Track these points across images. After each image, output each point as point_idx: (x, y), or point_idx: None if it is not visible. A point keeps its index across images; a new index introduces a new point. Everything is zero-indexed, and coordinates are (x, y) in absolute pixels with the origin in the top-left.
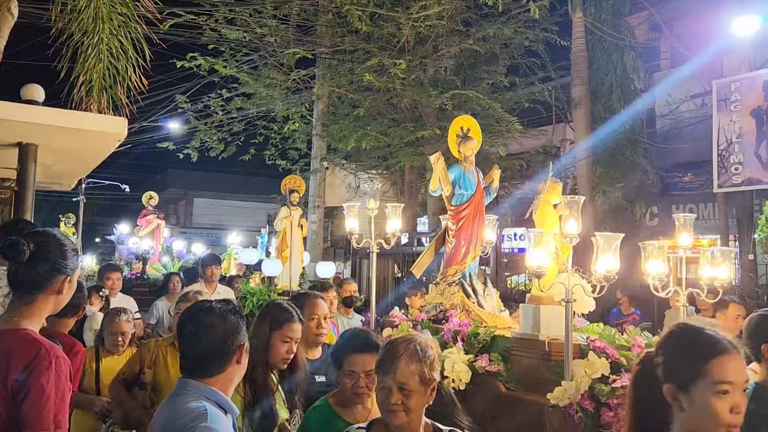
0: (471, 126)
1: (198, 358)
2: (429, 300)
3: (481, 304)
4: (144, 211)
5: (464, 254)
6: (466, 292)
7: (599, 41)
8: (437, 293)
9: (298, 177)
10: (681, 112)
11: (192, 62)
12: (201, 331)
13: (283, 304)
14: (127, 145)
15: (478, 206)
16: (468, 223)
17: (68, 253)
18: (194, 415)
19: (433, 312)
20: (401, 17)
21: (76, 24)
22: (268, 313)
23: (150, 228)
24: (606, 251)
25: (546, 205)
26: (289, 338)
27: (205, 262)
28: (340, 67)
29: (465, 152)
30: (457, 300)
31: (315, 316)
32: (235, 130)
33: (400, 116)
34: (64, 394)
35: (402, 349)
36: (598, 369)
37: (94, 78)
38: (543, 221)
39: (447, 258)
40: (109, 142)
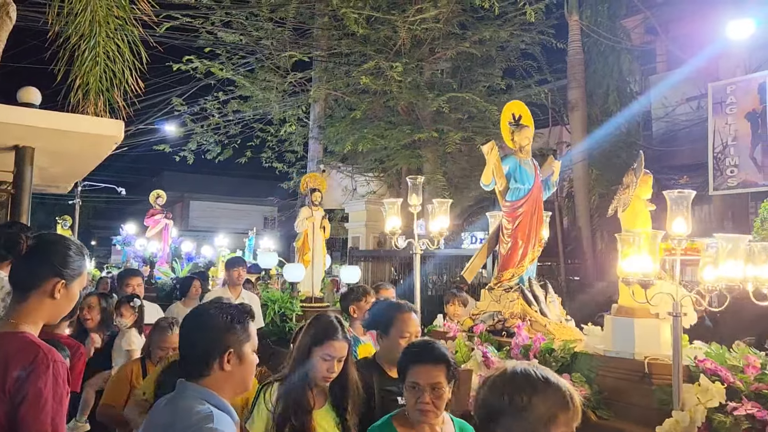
0: (522, 112)
1: (186, 360)
2: (482, 307)
3: (544, 313)
4: (151, 211)
5: (522, 256)
6: (526, 299)
7: (595, 44)
8: (492, 300)
9: (318, 175)
10: (677, 115)
11: (188, 65)
12: (188, 332)
13: (330, 318)
14: (124, 148)
15: (536, 202)
16: (525, 220)
17: (69, 259)
18: (199, 416)
19: (489, 321)
20: (397, 20)
21: (73, 27)
22: (311, 326)
23: (158, 228)
24: (730, 256)
25: (637, 201)
26: (329, 356)
27: (231, 264)
28: (337, 70)
29: (520, 141)
30: (516, 308)
31: (407, 334)
32: (232, 132)
33: (396, 119)
34: (61, 397)
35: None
36: (713, 396)
37: (90, 81)
38: (634, 220)
39: (502, 260)
40: (105, 144)
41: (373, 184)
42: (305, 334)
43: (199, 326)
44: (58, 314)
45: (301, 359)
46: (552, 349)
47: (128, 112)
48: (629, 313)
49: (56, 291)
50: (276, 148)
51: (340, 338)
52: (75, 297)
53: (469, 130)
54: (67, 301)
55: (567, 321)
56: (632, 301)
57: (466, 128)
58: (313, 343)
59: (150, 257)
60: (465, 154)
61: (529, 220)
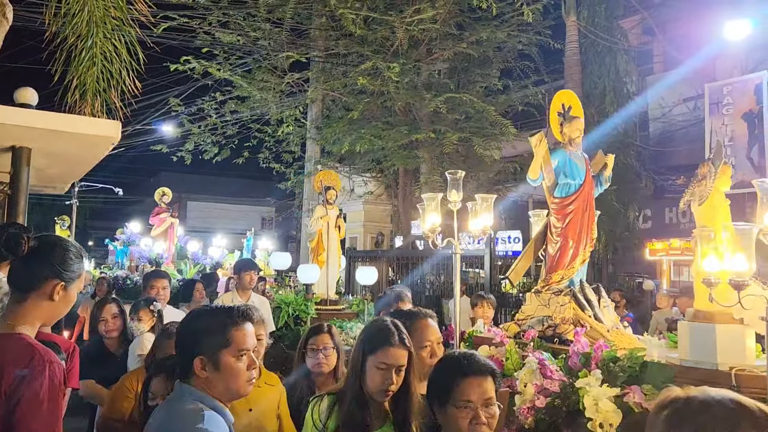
0: (572, 103)
1: (176, 363)
2: (528, 312)
3: (598, 318)
4: (157, 209)
5: (572, 257)
6: (579, 303)
7: (592, 44)
8: (540, 304)
9: (333, 172)
10: (674, 116)
11: (186, 65)
12: (176, 332)
13: (384, 322)
14: (121, 148)
15: (588, 198)
16: (576, 218)
17: (69, 261)
18: (190, 416)
19: (538, 327)
20: (395, 21)
21: (70, 27)
22: (363, 332)
23: (163, 227)
24: None
25: (717, 194)
26: (385, 365)
27: (242, 267)
28: (334, 71)
29: (570, 134)
30: (568, 313)
31: (427, 342)
32: (229, 133)
33: (394, 119)
34: (58, 398)
35: None
36: None
37: (87, 81)
38: (713, 214)
39: (550, 261)
40: (102, 145)
41: (370, 184)
42: (357, 343)
43: (181, 329)
44: (55, 316)
45: (354, 371)
46: (616, 357)
47: (125, 113)
48: (708, 318)
49: (55, 293)
50: (273, 148)
51: (396, 344)
52: (73, 299)
53: (466, 130)
54: (65, 303)
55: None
56: (711, 304)
57: (464, 129)
58: (367, 352)
59: (156, 258)
60: (462, 154)
61: (581, 218)
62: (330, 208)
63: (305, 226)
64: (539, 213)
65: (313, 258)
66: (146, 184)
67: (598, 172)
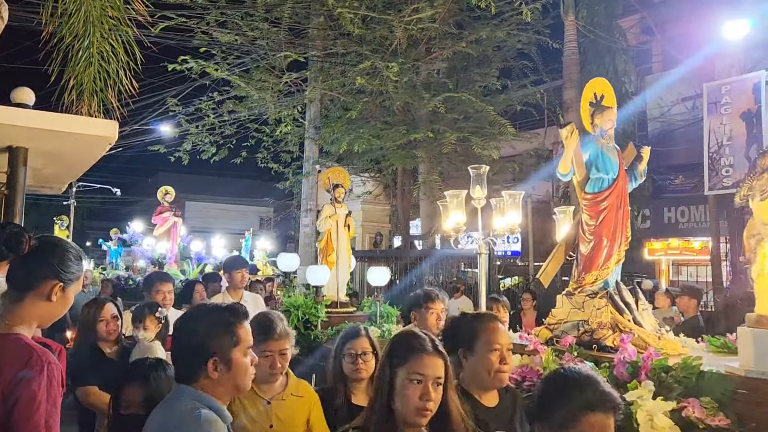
0: (606, 92)
1: (176, 366)
2: (559, 316)
3: (638, 322)
4: (159, 208)
5: (606, 256)
6: (617, 306)
7: (591, 44)
8: (572, 308)
9: (342, 169)
10: (672, 115)
11: (183, 65)
12: (177, 337)
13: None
14: (118, 149)
15: (622, 194)
16: (610, 215)
17: (69, 262)
18: (190, 417)
19: (572, 333)
20: (393, 20)
21: (67, 27)
22: (390, 343)
23: (166, 227)
24: None
25: None
26: (420, 375)
27: (232, 266)
28: (333, 70)
29: (602, 124)
30: (605, 317)
31: (497, 346)
32: (227, 133)
33: (392, 119)
34: (55, 399)
35: None
36: None
37: (84, 81)
38: None
39: (583, 261)
40: (99, 145)
41: (369, 184)
42: (383, 357)
43: (185, 332)
44: (52, 317)
45: (381, 391)
46: (668, 366)
47: (122, 113)
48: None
49: (53, 293)
50: (271, 148)
51: (430, 351)
52: (71, 301)
53: (465, 130)
54: (62, 304)
55: (666, 332)
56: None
57: (462, 128)
58: (396, 364)
59: (159, 258)
60: (461, 154)
61: (615, 215)
62: (339, 207)
63: (304, 226)
64: (565, 210)
65: (322, 259)
66: (144, 184)
67: (629, 166)
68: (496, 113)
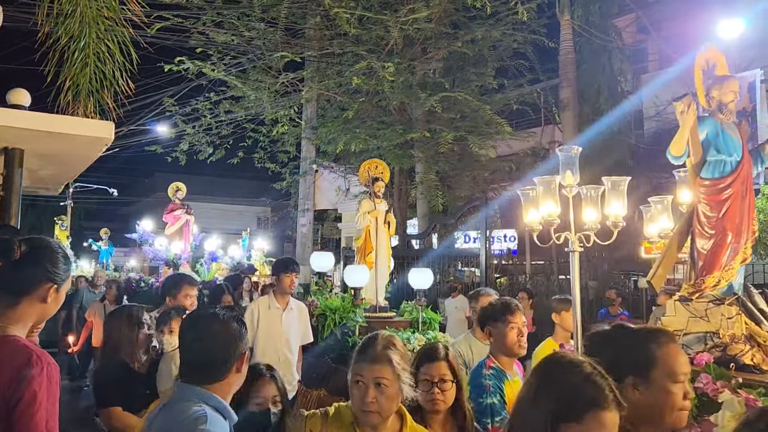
0: (718, 60)
1: (200, 366)
2: (675, 326)
3: None
4: (171, 205)
5: (731, 255)
6: (752, 315)
7: (587, 43)
8: (692, 316)
9: (380, 161)
10: (668, 114)
11: (180, 66)
12: (204, 338)
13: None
14: (115, 149)
15: (747, 180)
16: (735, 205)
17: (60, 263)
18: (193, 418)
19: (697, 347)
20: (389, 20)
21: (63, 28)
22: None
23: (178, 225)
24: None
25: None
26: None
27: (283, 268)
28: (329, 70)
29: (722, 97)
30: (738, 329)
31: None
32: (224, 133)
33: (389, 118)
34: (55, 399)
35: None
36: None
37: (80, 82)
38: None
39: (703, 261)
40: (95, 146)
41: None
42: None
43: (217, 333)
44: (45, 317)
45: None
46: None
47: (119, 114)
48: None
49: (49, 296)
50: (268, 148)
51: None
52: (62, 300)
53: (461, 129)
54: (55, 304)
55: None
56: None
57: (459, 128)
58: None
59: (173, 259)
60: (457, 153)
61: (740, 204)
62: (379, 202)
63: (301, 225)
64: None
65: (359, 259)
66: (141, 184)
67: (756, 148)
68: (492, 112)
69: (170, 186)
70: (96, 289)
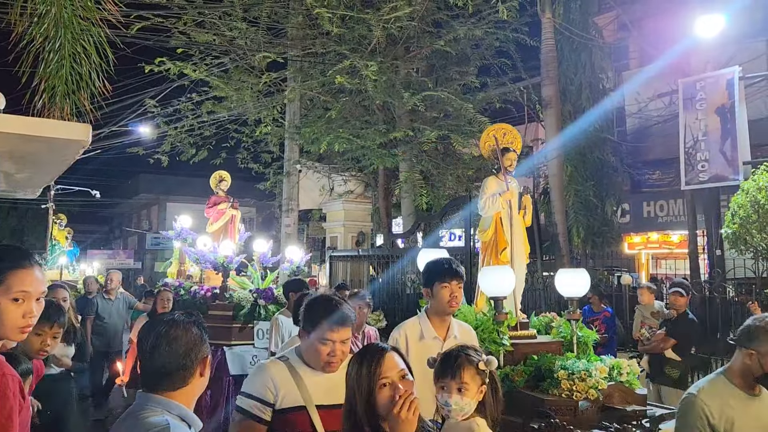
0: None
1: (161, 373)
2: None
3: None
4: (213, 198)
5: None
6: None
7: (568, 41)
8: None
9: (508, 126)
10: (649, 111)
11: (161, 66)
12: (163, 344)
13: None
14: (97, 151)
15: None
16: None
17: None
18: (156, 430)
19: None
20: (372, 19)
21: (37, 28)
22: None
23: (222, 221)
24: None
25: None
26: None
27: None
28: (312, 70)
29: None
30: None
31: None
32: (206, 134)
33: (372, 118)
34: (10, 412)
35: None
36: None
37: (56, 84)
38: None
39: None
40: (73, 149)
41: (350, 183)
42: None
43: (176, 338)
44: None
45: None
46: None
47: (96, 116)
48: None
49: None
50: (251, 148)
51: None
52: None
53: (444, 128)
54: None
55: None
56: None
57: (442, 126)
58: None
59: (224, 263)
60: (441, 152)
61: None
62: (510, 181)
63: (285, 226)
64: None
65: (488, 258)
66: (124, 186)
67: None
68: (475, 111)
69: (213, 176)
70: (110, 295)
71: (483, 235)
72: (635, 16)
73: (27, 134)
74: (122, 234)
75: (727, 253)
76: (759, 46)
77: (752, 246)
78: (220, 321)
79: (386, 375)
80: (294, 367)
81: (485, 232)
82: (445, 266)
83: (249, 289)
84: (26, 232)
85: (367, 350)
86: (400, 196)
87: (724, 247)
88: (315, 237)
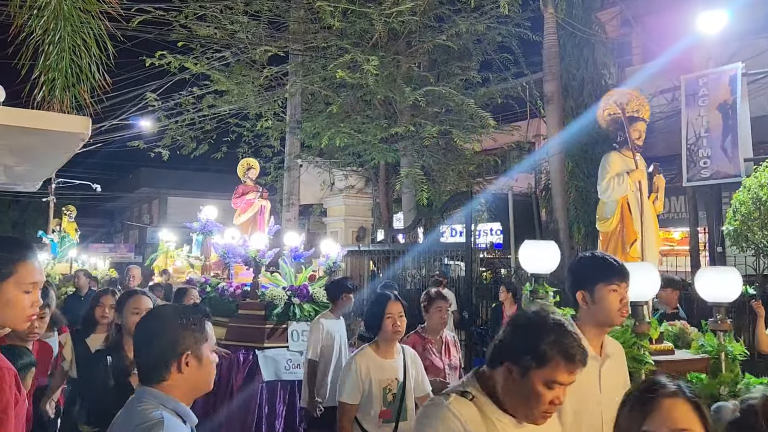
0: None
1: (142, 365)
2: None
3: None
4: (241, 188)
5: None
6: None
7: (571, 36)
8: None
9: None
10: (652, 107)
11: (161, 60)
12: (141, 337)
13: None
14: (98, 144)
15: None
16: None
17: None
18: (150, 423)
19: None
20: (374, 13)
21: (37, 21)
22: None
23: (251, 212)
24: None
25: None
26: None
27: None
28: (313, 64)
29: None
30: None
31: None
32: (207, 128)
33: (373, 113)
34: (6, 406)
35: None
36: None
37: (56, 77)
38: None
39: None
40: (72, 142)
41: (351, 178)
42: None
43: (156, 330)
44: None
45: None
46: None
47: (96, 109)
48: None
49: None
50: (252, 143)
51: None
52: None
53: (446, 123)
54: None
55: None
56: None
57: (443, 121)
58: None
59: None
60: (442, 147)
61: None
62: (638, 157)
63: (286, 221)
64: None
65: (613, 250)
66: (125, 179)
67: None
68: (477, 106)
69: (240, 163)
70: None
71: (604, 225)
72: (638, 11)
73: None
74: (123, 227)
75: (729, 250)
76: (762, 42)
77: (754, 243)
78: (252, 321)
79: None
80: (485, 411)
81: (607, 220)
82: (615, 264)
83: (282, 286)
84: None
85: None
86: (401, 192)
87: (726, 244)
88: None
